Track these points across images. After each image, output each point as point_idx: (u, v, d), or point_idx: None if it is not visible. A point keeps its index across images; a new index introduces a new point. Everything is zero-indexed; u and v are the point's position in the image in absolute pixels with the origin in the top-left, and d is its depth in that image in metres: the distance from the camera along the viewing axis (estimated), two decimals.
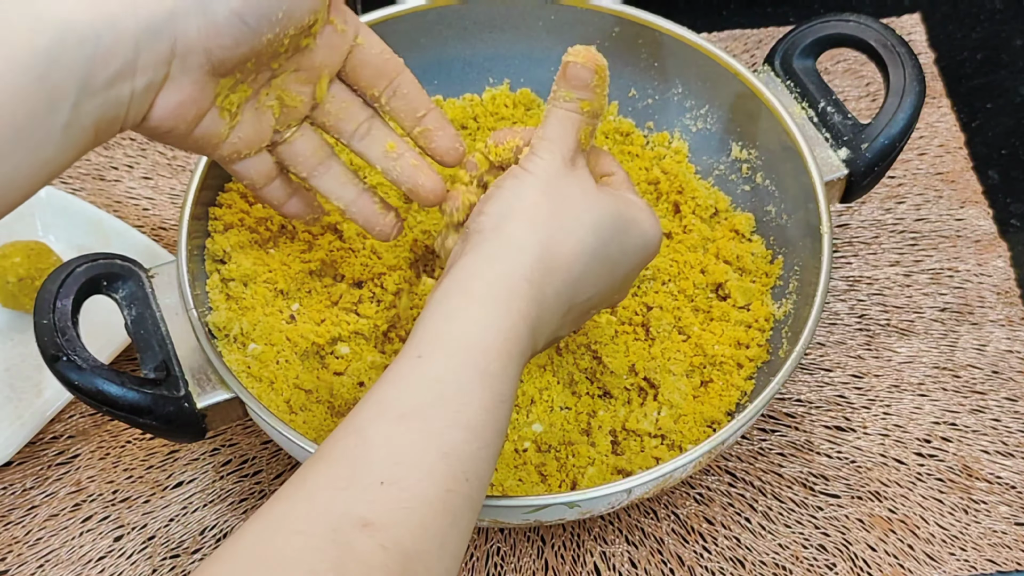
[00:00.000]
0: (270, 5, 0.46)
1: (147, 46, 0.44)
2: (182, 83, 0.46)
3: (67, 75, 0.42)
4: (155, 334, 0.58)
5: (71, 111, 0.43)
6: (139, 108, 0.46)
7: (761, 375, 0.63)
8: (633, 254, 0.52)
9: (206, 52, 0.46)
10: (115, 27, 0.43)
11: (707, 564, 0.64)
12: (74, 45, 0.42)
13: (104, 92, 0.43)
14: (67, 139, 0.43)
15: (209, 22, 0.45)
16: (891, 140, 0.63)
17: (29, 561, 0.64)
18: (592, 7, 0.69)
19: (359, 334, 0.64)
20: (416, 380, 0.44)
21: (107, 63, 0.43)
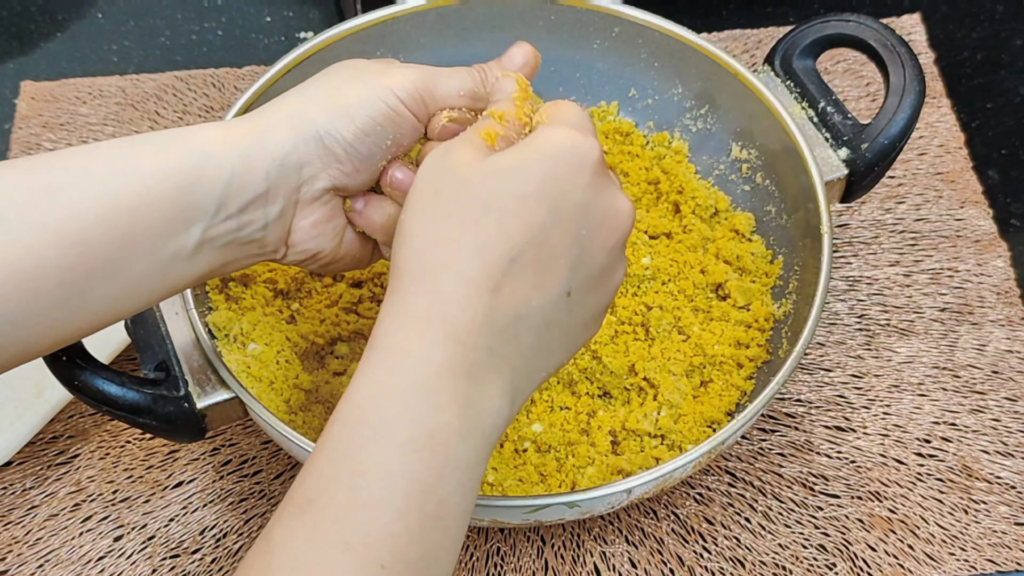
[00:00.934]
0: (379, 135, 0.49)
1: (277, 176, 0.48)
2: (313, 207, 0.50)
3: (206, 196, 0.46)
4: (155, 334, 0.58)
5: (204, 232, 0.46)
6: (277, 232, 0.49)
7: (761, 375, 0.63)
8: (590, 193, 0.43)
9: (330, 178, 0.49)
10: (247, 160, 0.47)
11: (707, 564, 0.64)
12: (213, 170, 0.46)
13: (237, 217, 0.47)
14: (197, 256, 0.47)
15: (328, 153, 0.49)
16: (891, 140, 0.63)
17: (29, 561, 0.64)
18: (592, 7, 0.69)
19: (359, 334, 0.64)
20: (314, 463, 0.40)
21: (241, 191, 0.47)
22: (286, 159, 0.48)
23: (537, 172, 0.42)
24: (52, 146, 0.80)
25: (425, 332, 0.41)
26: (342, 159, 0.49)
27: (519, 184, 0.42)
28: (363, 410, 0.40)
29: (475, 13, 0.70)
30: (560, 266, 0.43)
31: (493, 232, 0.41)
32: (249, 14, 0.89)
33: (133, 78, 0.84)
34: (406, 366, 0.41)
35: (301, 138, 0.48)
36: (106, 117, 0.82)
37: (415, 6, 0.68)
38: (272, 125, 0.48)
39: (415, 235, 0.42)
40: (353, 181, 0.50)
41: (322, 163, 0.49)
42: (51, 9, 0.89)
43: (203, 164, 0.46)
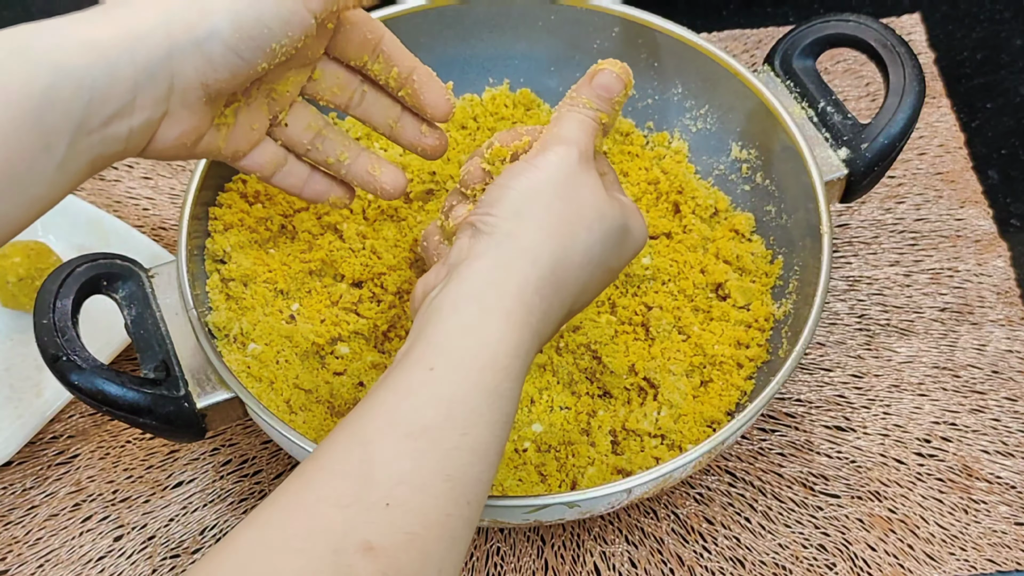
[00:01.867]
0: (264, 38, 0.46)
1: (145, 87, 0.45)
2: (181, 116, 0.47)
3: (62, 117, 0.43)
4: (155, 334, 0.58)
5: (66, 150, 0.44)
6: (138, 141, 0.47)
7: (761, 375, 0.63)
8: (626, 259, 0.52)
9: (203, 87, 0.47)
10: (112, 72, 0.43)
11: (707, 564, 0.64)
12: (70, 88, 0.43)
13: (101, 131, 0.44)
14: (61, 176, 0.44)
15: (205, 60, 0.45)
16: (891, 140, 0.63)
17: (29, 561, 0.64)
18: (592, 7, 0.69)
19: (359, 334, 0.64)
20: (426, 396, 0.43)
21: (103, 105, 0.44)
22: (159, 69, 0.44)
23: (620, 254, 0.51)
24: None
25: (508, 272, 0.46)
26: (219, 66, 0.46)
27: (606, 258, 0.50)
28: (481, 367, 0.44)
29: (475, 13, 0.70)
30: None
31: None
32: None
33: None
34: (487, 332, 0.45)
35: (177, 46, 0.44)
36: None
37: (415, 6, 0.68)
38: (146, 28, 0.44)
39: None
40: (229, 86, 0.47)
41: (195, 71, 0.45)
42: (51, 10, 0.89)
43: (57, 83, 0.42)
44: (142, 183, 0.78)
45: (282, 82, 0.53)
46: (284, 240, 0.65)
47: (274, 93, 0.53)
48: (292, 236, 0.66)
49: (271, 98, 0.53)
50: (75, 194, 0.76)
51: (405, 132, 0.57)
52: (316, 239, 0.65)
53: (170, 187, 0.78)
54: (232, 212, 0.65)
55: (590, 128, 0.50)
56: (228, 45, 0.46)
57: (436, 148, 0.58)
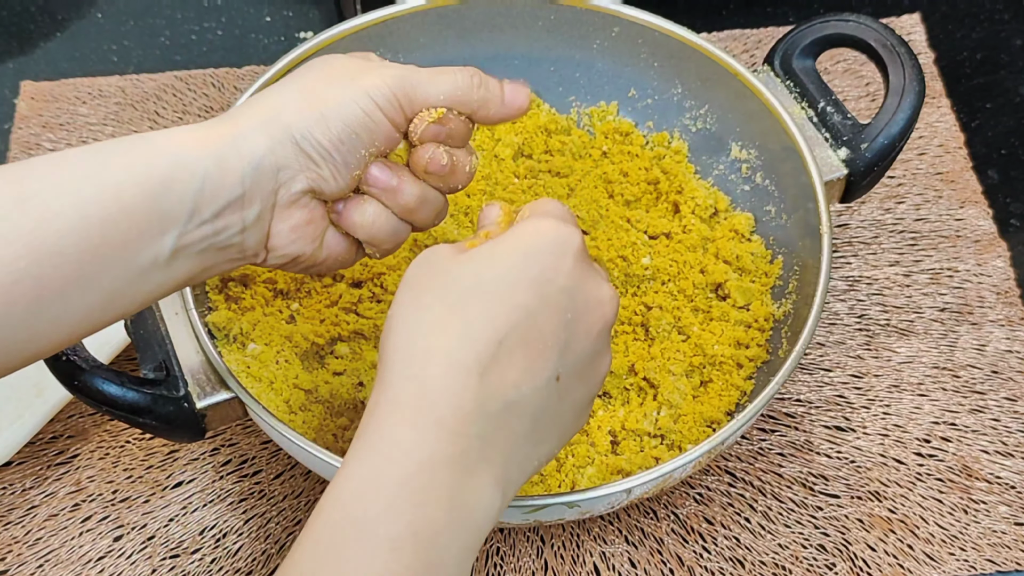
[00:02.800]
0: (355, 142, 0.48)
1: (253, 180, 0.47)
2: (292, 210, 0.49)
3: (179, 201, 0.45)
4: (155, 334, 0.58)
5: (178, 238, 0.45)
6: (256, 237, 0.48)
7: (761, 375, 0.63)
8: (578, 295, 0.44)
9: (308, 181, 0.48)
10: (221, 163, 0.46)
11: (707, 564, 0.64)
12: (186, 175, 0.45)
13: (213, 222, 0.46)
14: (173, 263, 0.46)
15: (305, 156, 0.48)
16: (891, 140, 0.63)
17: (29, 561, 0.64)
18: (592, 7, 0.69)
19: (359, 334, 0.64)
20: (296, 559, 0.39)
21: (215, 196, 0.46)
22: (262, 162, 0.46)
23: (520, 257, 0.43)
24: (52, 146, 0.80)
25: (412, 420, 0.40)
26: (318, 163, 0.48)
27: (502, 268, 0.42)
28: (346, 506, 0.39)
29: (475, 13, 0.70)
30: (548, 349, 0.42)
31: (478, 315, 0.41)
32: (249, 14, 0.89)
33: (133, 78, 0.84)
34: (392, 457, 0.40)
35: (277, 141, 0.47)
36: (106, 117, 0.82)
37: (415, 6, 0.68)
38: (247, 128, 0.47)
39: (401, 326, 0.42)
40: (330, 186, 0.49)
41: (299, 167, 0.48)
42: (51, 9, 0.89)
43: (175, 168, 0.45)
44: None
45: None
46: None
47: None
48: None
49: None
50: None
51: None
52: None
53: None
54: None
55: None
56: (323, 146, 0.47)
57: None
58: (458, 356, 0.41)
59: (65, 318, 0.44)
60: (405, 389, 0.41)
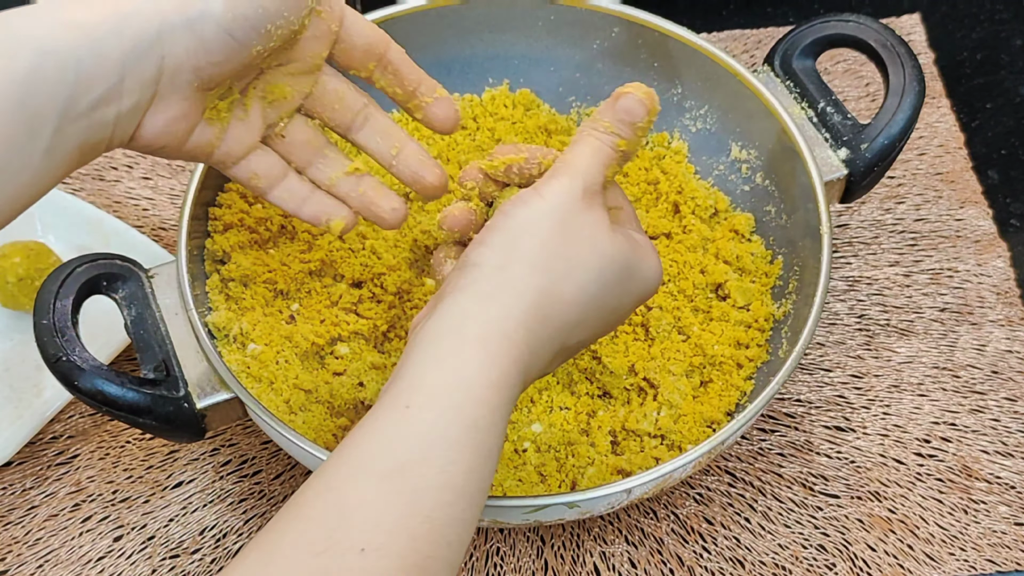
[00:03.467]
0: (259, 18, 0.45)
1: (133, 69, 0.43)
2: (170, 101, 0.45)
3: (46, 101, 0.41)
4: (155, 334, 0.58)
5: (52, 136, 0.42)
6: (126, 128, 0.45)
7: (761, 375, 0.63)
8: (633, 298, 0.49)
9: (195, 70, 0.45)
10: (98, 52, 0.42)
11: (707, 564, 0.64)
12: (54, 71, 0.41)
13: (88, 116, 0.43)
14: (48, 164, 0.43)
15: (197, 40, 0.44)
16: (891, 140, 0.63)
17: (29, 561, 0.64)
18: (592, 7, 0.69)
19: (359, 334, 0.64)
20: (401, 435, 0.41)
21: (90, 88, 0.42)
22: (148, 50, 0.42)
23: (623, 292, 0.49)
24: None
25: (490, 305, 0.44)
26: (212, 47, 0.44)
27: (604, 295, 0.48)
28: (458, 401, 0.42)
29: (475, 13, 0.70)
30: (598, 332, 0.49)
31: (575, 342, 0.48)
32: None
33: None
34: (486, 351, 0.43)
35: (167, 24, 0.43)
36: None
37: (415, 6, 0.68)
38: (134, 7, 0.42)
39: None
40: (222, 71, 0.45)
41: (186, 53, 0.44)
42: None
43: (41, 65, 0.41)
44: (142, 183, 0.78)
45: (280, 86, 0.51)
46: (284, 240, 0.65)
47: (271, 95, 0.51)
48: (292, 236, 0.66)
49: (268, 103, 0.52)
50: (75, 194, 0.76)
51: (407, 163, 0.55)
52: (316, 239, 0.65)
53: (170, 187, 0.78)
54: (232, 212, 0.65)
55: (604, 156, 0.48)
56: (221, 25, 0.44)
57: (437, 185, 0.55)
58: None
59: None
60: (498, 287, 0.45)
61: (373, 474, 0.40)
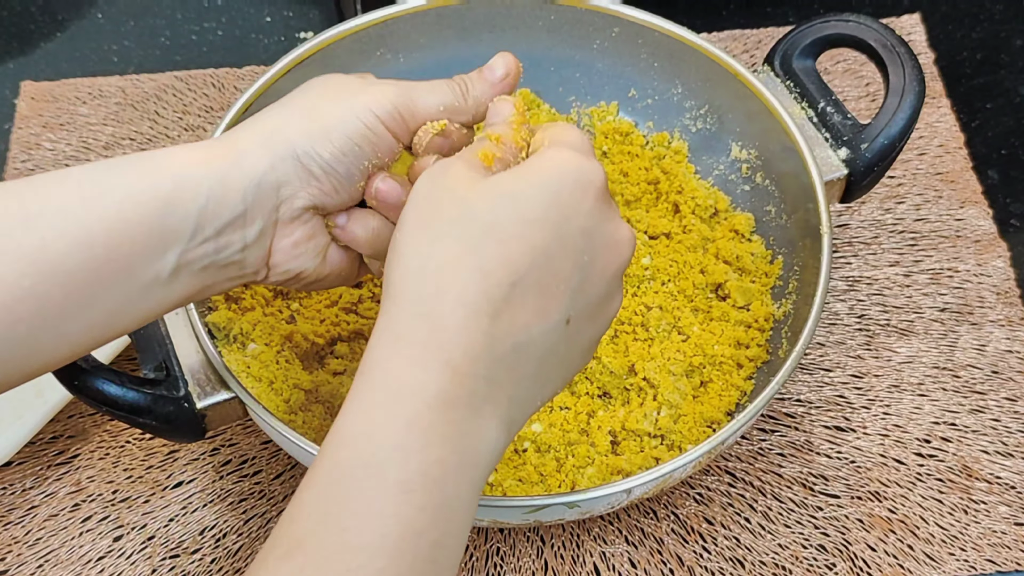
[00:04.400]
0: (357, 155, 0.48)
1: (254, 198, 0.47)
2: (292, 227, 0.49)
3: (182, 220, 0.45)
4: (155, 334, 0.58)
5: (180, 256, 0.46)
6: (257, 254, 0.48)
7: (761, 375, 0.63)
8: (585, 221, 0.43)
9: (310, 197, 0.48)
10: (223, 181, 0.46)
11: (707, 564, 0.64)
12: (189, 193, 0.45)
13: (215, 240, 0.46)
14: (175, 281, 0.46)
15: (306, 172, 0.48)
16: (891, 140, 0.63)
17: (29, 561, 0.64)
18: (592, 7, 0.69)
19: (359, 334, 0.64)
20: (302, 500, 0.39)
21: (217, 214, 0.46)
22: (263, 179, 0.47)
23: (542, 194, 0.41)
24: (52, 146, 0.80)
25: (420, 359, 0.39)
26: (320, 178, 0.48)
27: (523, 207, 0.41)
28: (354, 447, 0.39)
29: (475, 13, 0.70)
30: (561, 292, 0.42)
31: (495, 256, 0.40)
32: (249, 14, 0.89)
33: (133, 78, 0.84)
34: (400, 398, 0.39)
35: (278, 158, 0.47)
36: (106, 117, 0.82)
37: (415, 6, 0.68)
38: (249, 145, 0.47)
39: (411, 254, 0.41)
40: (332, 200, 0.49)
41: (300, 183, 0.48)
42: (51, 9, 0.89)
43: (178, 187, 0.45)
44: None
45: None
46: None
47: None
48: None
49: None
50: None
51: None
52: None
53: None
54: None
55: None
56: (326, 160, 0.48)
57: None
58: (471, 297, 0.40)
59: (67, 335, 0.45)
60: (413, 327, 0.40)
61: (277, 554, 0.38)
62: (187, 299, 0.48)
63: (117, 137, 0.81)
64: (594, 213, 0.43)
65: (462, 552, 0.40)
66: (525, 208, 0.41)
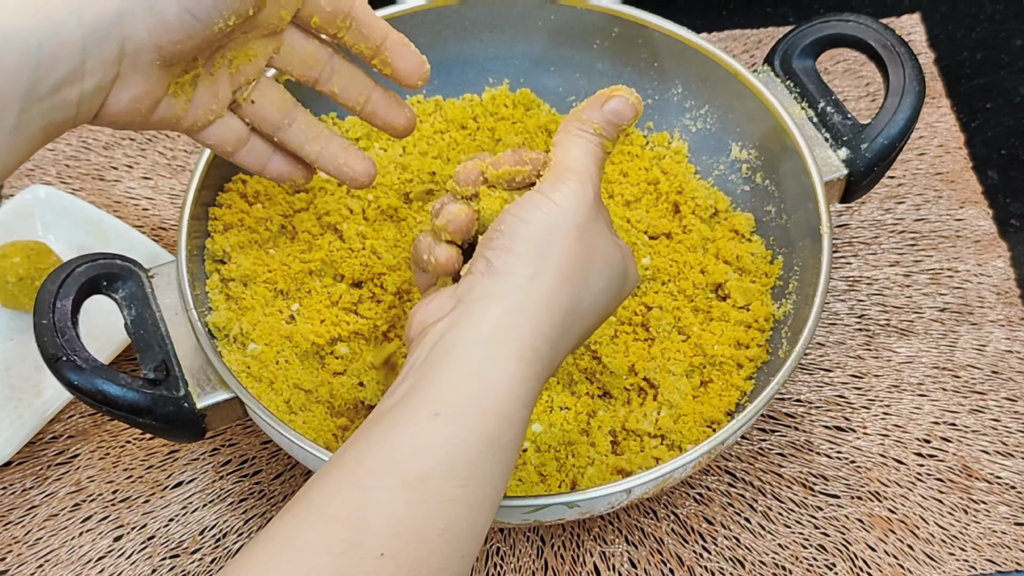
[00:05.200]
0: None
1: (94, 50, 0.43)
2: (133, 80, 0.46)
3: (10, 83, 0.42)
4: (155, 334, 0.58)
5: (17, 117, 0.43)
6: (90, 106, 0.46)
7: (761, 375, 0.63)
8: (621, 301, 0.51)
9: (157, 49, 0.45)
10: (59, 34, 0.42)
11: (707, 564, 0.64)
12: (17, 53, 0.42)
13: (51, 97, 0.43)
14: (13, 143, 0.44)
15: (158, 20, 0.44)
16: (891, 140, 0.63)
17: (29, 561, 0.64)
18: (592, 7, 0.69)
19: (359, 334, 0.64)
20: (428, 443, 0.41)
21: (52, 69, 0.43)
22: (108, 31, 0.43)
23: (619, 295, 0.50)
24: (52, 146, 0.80)
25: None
26: (173, 27, 0.44)
27: (609, 300, 0.49)
28: (487, 416, 0.43)
29: (475, 13, 0.70)
30: (593, 324, 0.49)
31: (576, 335, 0.48)
32: None
33: None
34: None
35: (127, 5, 0.43)
36: None
37: (415, 6, 0.68)
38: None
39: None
40: (184, 48, 0.45)
41: (148, 32, 0.44)
42: None
43: (3, 47, 0.41)
44: (142, 183, 0.78)
45: (245, 51, 0.51)
46: (284, 240, 0.65)
47: (237, 62, 0.51)
48: (292, 236, 0.66)
49: (234, 68, 0.52)
50: (75, 194, 0.76)
51: (377, 109, 0.56)
52: (316, 239, 0.65)
53: (170, 187, 0.78)
54: (232, 212, 0.65)
55: (599, 159, 0.48)
56: (182, 5, 0.44)
57: (407, 126, 0.57)
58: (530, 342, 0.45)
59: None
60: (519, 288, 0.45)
61: (397, 480, 0.40)
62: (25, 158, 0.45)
63: (117, 137, 0.80)
64: (623, 289, 0.50)
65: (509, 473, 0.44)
66: (598, 307, 0.49)
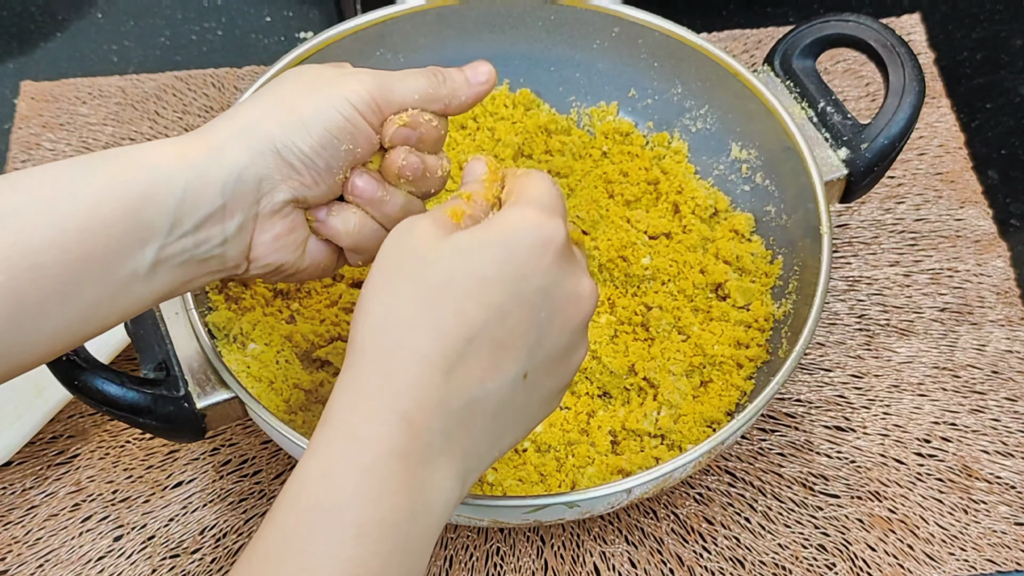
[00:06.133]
0: (336, 146, 0.48)
1: (233, 192, 0.47)
2: (274, 220, 0.49)
3: (159, 214, 0.45)
4: (155, 334, 0.58)
5: (159, 251, 0.46)
6: (237, 248, 0.48)
7: (761, 375, 0.63)
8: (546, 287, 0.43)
9: (290, 191, 0.48)
10: (201, 175, 0.46)
11: (707, 564, 0.64)
12: (165, 187, 0.45)
13: (194, 234, 0.46)
14: (154, 276, 0.46)
15: (286, 165, 0.48)
16: (891, 140, 0.63)
17: (29, 561, 0.64)
18: (592, 7, 0.69)
19: None
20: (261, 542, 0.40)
21: (196, 207, 0.46)
22: (243, 173, 0.47)
23: (498, 253, 0.42)
24: (52, 146, 0.80)
25: (377, 413, 0.40)
26: (300, 171, 0.48)
27: (479, 265, 0.42)
28: (312, 492, 0.40)
29: (475, 13, 0.70)
30: (517, 348, 0.42)
31: (450, 313, 0.41)
32: (249, 14, 0.89)
33: (133, 78, 0.84)
34: (356, 448, 0.40)
35: (257, 152, 0.47)
36: (106, 117, 0.82)
37: (415, 6, 0.68)
38: (226, 139, 0.47)
39: (373, 311, 0.42)
40: (313, 192, 0.49)
41: (280, 176, 0.48)
42: (51, 9, 0.89)
43: (154, 181, 0.45)
44: None
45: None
46: None
47: None
48: None
49: None
50: None
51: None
52: None
53: None
54: None
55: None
56: (305, 153, 0.48)
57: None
58: (425, 352, 0.41)
59: (46, 331, 0.45)
60: (371, 381, 0.41)
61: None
62: (168, 294, 0.48)
63: (117, 137, 0.81)
64: (552, 270, 0.43)
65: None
66: (480, 266, 0.42)
